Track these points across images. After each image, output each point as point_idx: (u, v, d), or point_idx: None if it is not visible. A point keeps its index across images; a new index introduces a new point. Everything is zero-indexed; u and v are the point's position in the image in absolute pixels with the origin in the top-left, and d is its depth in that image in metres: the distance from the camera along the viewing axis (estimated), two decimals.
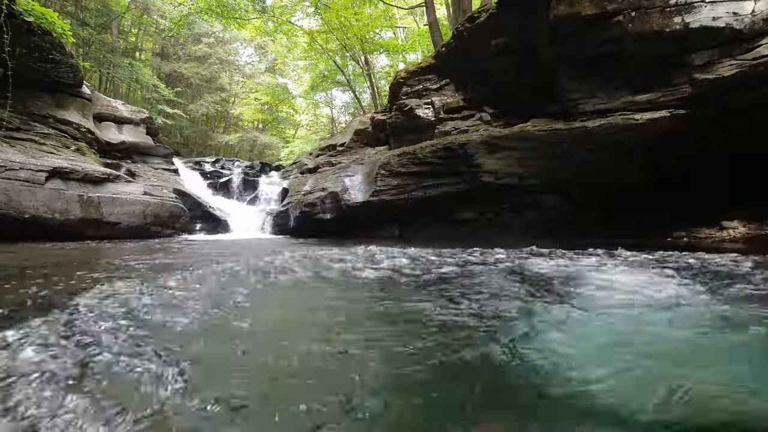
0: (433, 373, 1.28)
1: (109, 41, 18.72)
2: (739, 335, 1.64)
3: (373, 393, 1.11)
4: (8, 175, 6.08)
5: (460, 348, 1.46)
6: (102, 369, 1.20)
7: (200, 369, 1.27)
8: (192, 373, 1.21)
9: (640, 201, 7.67)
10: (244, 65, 28.64)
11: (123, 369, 1.21)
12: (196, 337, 1.58)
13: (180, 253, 4.98)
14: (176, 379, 1.15)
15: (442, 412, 1.04)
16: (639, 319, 1.83)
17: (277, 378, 1.25)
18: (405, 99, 9.00)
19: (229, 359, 1.39)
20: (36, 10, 7.25)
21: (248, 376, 1.25)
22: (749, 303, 2.08)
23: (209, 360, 1.39)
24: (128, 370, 1.20)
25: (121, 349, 1.33)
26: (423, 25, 16.93)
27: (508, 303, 2.09)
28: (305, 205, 9.20)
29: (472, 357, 1.39)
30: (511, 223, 8.31)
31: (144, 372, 1.18)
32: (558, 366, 1.30)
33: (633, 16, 5.40)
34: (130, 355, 1.30)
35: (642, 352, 1.43)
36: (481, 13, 7.74)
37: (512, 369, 1.31)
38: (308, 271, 3.05)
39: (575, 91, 6.33)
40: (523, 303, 2.10)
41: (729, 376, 1.25)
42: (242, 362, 1.37)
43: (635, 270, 2.93)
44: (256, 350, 1.47)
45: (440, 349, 1.45)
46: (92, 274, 3.00)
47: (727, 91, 5.27)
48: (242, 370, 1.29)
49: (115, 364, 1.24)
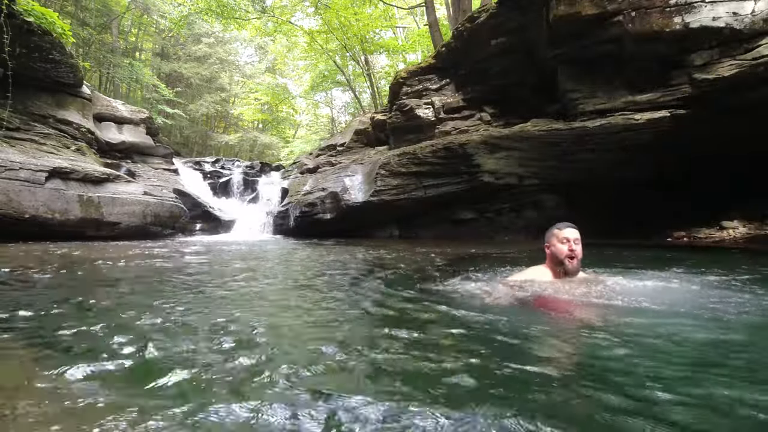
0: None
1: (109, 41, 18.71)
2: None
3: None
4: (8, 175, 6.08)
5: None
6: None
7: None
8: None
9: (641, 201, 7.67)
10: (244, 65, 28.64)
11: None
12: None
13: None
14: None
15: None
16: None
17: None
18: (405, 99, 8.99)
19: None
20: (36, 10, 7.24)
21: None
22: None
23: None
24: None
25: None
26: (423, 25, 16.92)
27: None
28: (305, 205, 9.20)
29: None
30: (511, 223, 8.31)
31: None
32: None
33: (633, 16, 5.40)
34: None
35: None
36: (481, 13, 7.74)
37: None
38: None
39: (575, 91, 6.34)
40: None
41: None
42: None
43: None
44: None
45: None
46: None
47: (727, 90, 5.27)
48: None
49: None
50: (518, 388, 1.13)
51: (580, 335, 1.70)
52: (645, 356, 1.40)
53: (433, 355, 1.39)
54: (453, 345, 1.56)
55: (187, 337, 1.62)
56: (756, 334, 1.66)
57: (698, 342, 1.56)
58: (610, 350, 1.45)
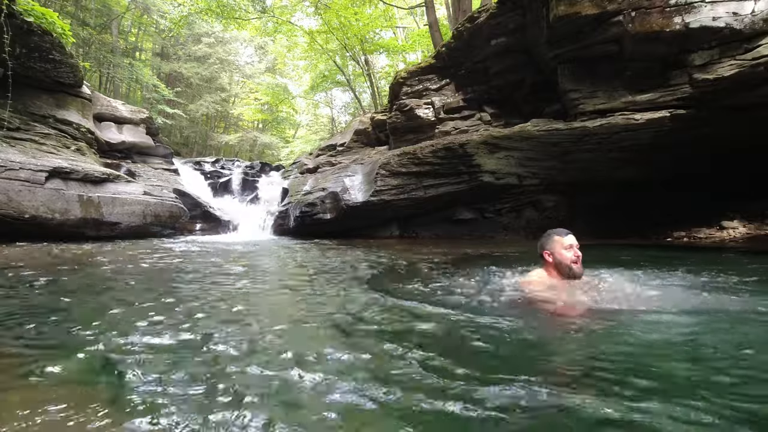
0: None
1: (109, 41, 18.71)
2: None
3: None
4: (8, 175, 6.07)
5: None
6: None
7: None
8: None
9: (640, 201, 7.67)
10: (244, 65, 28.62)
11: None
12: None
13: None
14: None
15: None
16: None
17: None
18: (405, 99, 8.99)
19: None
20: (36, 10, 7.23)
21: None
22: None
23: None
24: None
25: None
26: (423, 25, 16.92)
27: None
28: (305, 205, 9.19)
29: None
30: (511, 223, 8.31)
31: None
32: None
33: (633, 16, 5.40)
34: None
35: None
36: (481, 13, 7.74)
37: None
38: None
39: (575, 91, 6.33)
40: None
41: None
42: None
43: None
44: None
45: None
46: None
47: (727, 91, 5.27)
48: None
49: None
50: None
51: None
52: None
53: (440, 365, 1.39)
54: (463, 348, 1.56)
55: (187, 335, 1.62)
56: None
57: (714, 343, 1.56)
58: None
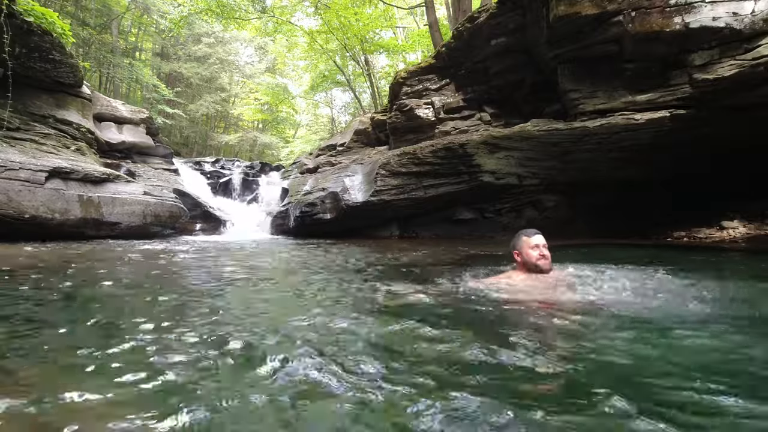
0: None
1: (109, 41, 18.72)
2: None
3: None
4: (8, 175, 6.07)
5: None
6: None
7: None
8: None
9: (640, 201, 7.68)
10: (244, 65, 28.63)
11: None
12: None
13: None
14: None
15: None
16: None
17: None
18: (405, 99, 8.99)
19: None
20: (36, 10, 7.23)
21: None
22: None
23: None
24: None
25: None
26: (423, 25, 16.93)
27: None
28: (305, 205, 9.19)
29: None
30: (511, 223, 8.31)
31: None
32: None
33: (633, 16, 5.40)
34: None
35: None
36: (481, 13, 7.74)
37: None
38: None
39: (575, 91, 6.33)
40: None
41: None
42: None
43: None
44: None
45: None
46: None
47: (727, 91, 5.27)
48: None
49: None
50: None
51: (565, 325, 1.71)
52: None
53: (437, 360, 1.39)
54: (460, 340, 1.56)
55: (186, 333, 1.62)
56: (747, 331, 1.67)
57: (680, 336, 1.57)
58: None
